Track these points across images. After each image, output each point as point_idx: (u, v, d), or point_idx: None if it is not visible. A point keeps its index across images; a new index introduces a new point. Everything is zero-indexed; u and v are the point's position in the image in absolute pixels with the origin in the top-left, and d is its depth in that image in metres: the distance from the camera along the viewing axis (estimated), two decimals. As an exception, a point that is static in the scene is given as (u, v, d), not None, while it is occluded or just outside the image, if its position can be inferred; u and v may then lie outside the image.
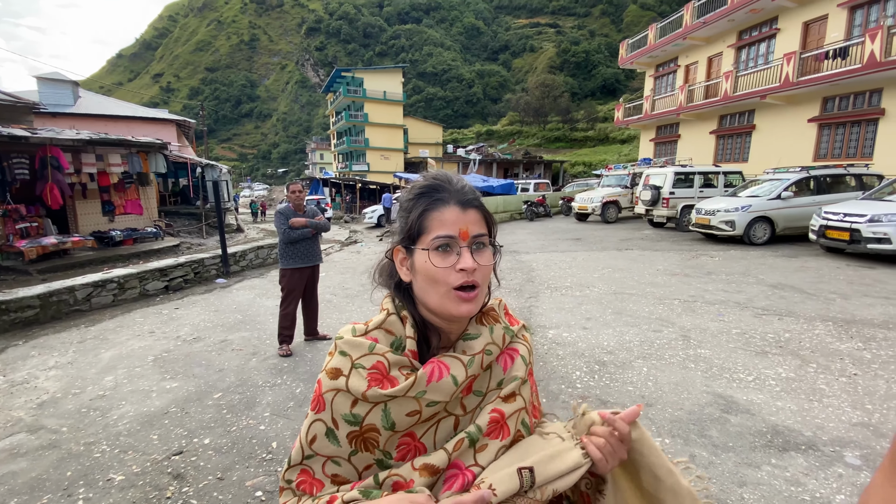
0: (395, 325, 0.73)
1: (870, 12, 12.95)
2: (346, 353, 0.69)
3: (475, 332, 0.74)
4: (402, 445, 0.68)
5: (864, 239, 7.52)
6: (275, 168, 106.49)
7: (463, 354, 0.71)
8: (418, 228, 0.70)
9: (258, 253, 9.03)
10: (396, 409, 0.66)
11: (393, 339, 0.72)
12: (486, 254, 0.70)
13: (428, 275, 0.69)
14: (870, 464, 2.43)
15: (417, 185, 0.74)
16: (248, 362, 4.06)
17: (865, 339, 4.25)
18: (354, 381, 0.66)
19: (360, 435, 0.66)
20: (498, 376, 0.75)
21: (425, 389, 0.66)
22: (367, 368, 0.67)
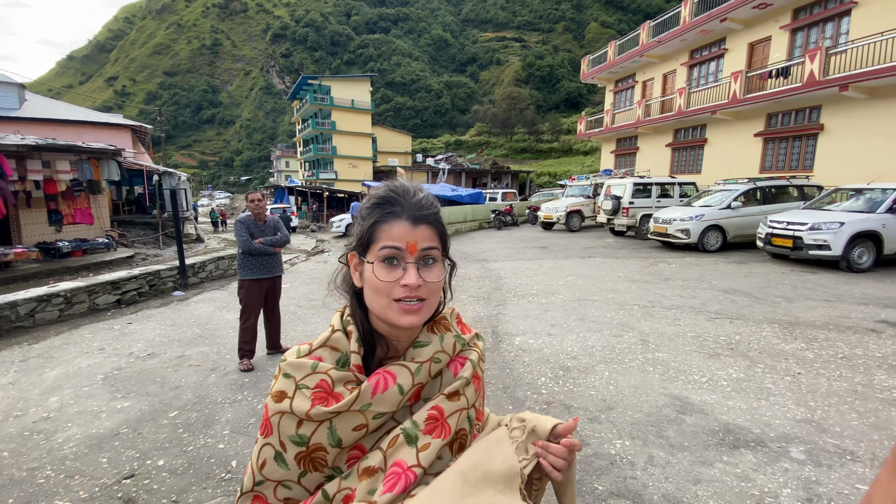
0: (341, 342, 0.73)
1: (809, 34, 14.02)
2: (290, 374, 0.69)
3: (425, 340, 0.74)
4: (351, 459, 0.68)
5: (806, 246, 8.05)
6: (238, 176, 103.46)
7: (411, 362, 0.71)
8: (368, 238, 0.71)
9: (218, 264, 8.73)
10: (342, 425, 0.66)
11: (339, 355, 0.72)
12: (434, 269, 0.70)
13: (373, 286, 0.69)
14: (813, 458, 2.59)
15: (374, 195, 0.74)
16: (206, 378, 3.91)
17: (808, 340, 4.54)
18: (298, 402, 0.66)
19: (308, 455, 0.66)
20: (448, 382, 0.75)
21: (370, 402, 0.67)
22: (310, 388, 0.67)
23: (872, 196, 8.32)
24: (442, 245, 0.73)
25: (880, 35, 11.19)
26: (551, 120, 60.11)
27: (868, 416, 3.04)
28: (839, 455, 2.61)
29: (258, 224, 4.19)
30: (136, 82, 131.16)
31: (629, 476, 2.47)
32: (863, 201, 8.42)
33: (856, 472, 2.45)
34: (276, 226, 4.32)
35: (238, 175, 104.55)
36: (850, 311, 5.53)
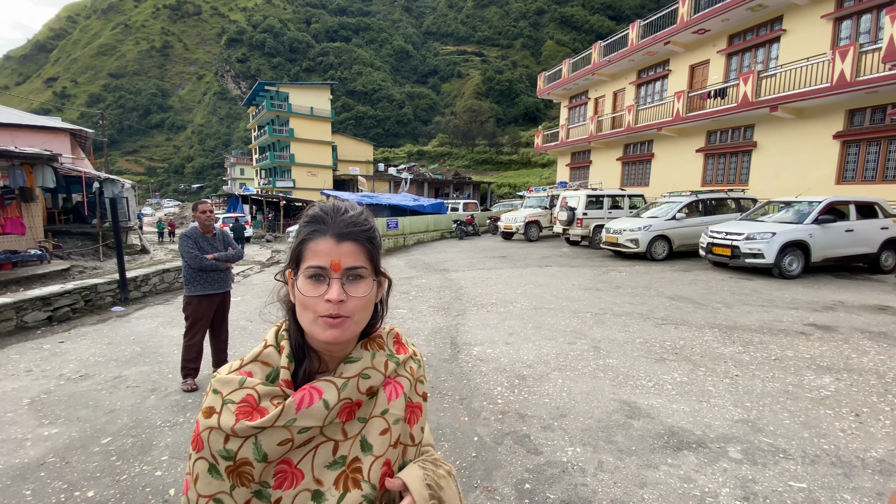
0: (272, 357, 0.74)
1: (743, 58, 15.17)
2: (218, 390, 0.69)
3: (356, 356, 0.75)
4: (279, 473, 0.68)
5: (743, 254, 8.62)
6: (188, 183, 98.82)
7: (338, 377, 0.72)
8: (297, 256, 0.73)
9: (163, 277, 8.26)
10: (267, 440, 0.66)
11: (269, 370, 0.73)
12: (360, 285, 0.72)
13: (300, 301, 0.71)
14: (749, 457, 2.74)
15: (306, 214, 0.76)
16: (145, 400, 3.66)
17: (745, 343, 4.83)
18: (224, 418, 0.66)
19: (236, 469, 0.66)
20: (382, 405, 0.76)
21: (295, 417, 0.67)
22: (236, 403, 0.67)
23: (800, 208, 9.05)
24: (371, 261, 0.74)
25: (806, 60, 12.28)
26: (511, 133, 61.64)
27: (799, 414, 3.27)
28: (773, 453, 2.78)
29: (206, 237, 3.95)
30: (78, 84, 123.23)
31: (580, 483, 2.52)
32: (792, 213, 9.13)
33: (789, 469, 2.61)
34: (226, 239, 4.11)
35: (189, 182, 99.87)
36: (782, 315, 5.95)
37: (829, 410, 3.32)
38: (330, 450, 0.71)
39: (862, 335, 5.06)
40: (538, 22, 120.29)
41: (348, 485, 0.70)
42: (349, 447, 0.72)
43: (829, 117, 12.37)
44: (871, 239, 8.86)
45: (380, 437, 0.74)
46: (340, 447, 0.71)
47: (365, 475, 0.71)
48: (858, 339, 4.94)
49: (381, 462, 0.73)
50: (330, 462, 0.70)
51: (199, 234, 3.92)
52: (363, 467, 0.71)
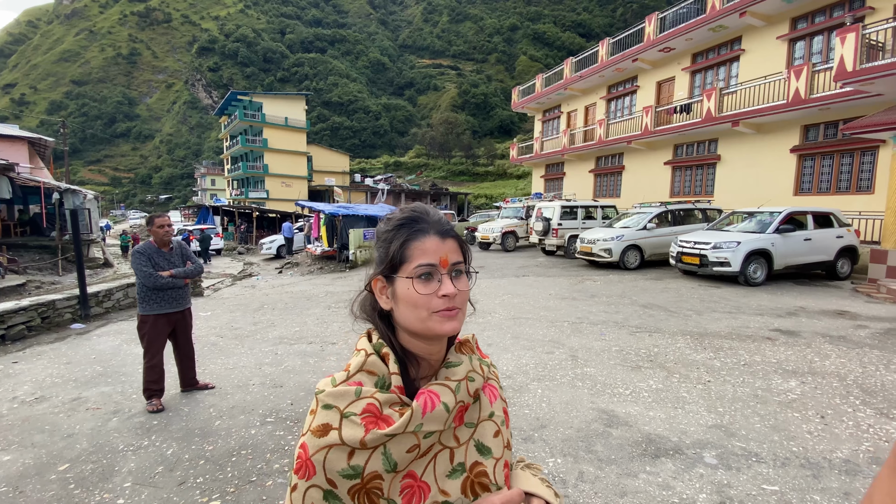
0: (377, 365, 0.71)
1: (706, 76, 15.89)
2: (332, 405, 0.66)
3: (456, 360, 0.75)
4: (406, 490, 0.66)
5: (710, 263, 8.92)
6: (156, 194, 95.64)
7: (448, 381, 0.71)
8: (400, 258, 0.72)
9: (128, 292, 7.91)
10: (396, 448, 0.65)
11: (377, 378, 0.70)
12: (463, 280, 0.74)
13: (411, 301, 0.70)
14: (724, 462, 2.79)
15: (397, 217, 0.77)
16: (106, 423, 3.46)
17: (715, 350, 4.97)
18: (349, 431, 0.63)
19: (363, 487, 0.63)
20: (486, 408, 0.77)
21: (422, 421, 0.65)
22: (359, 414, 0.64)
23: (762, 218, 9.45)
24: (465, 257, 0.78)
25: (764, 79, 12.96)
26: (486, 145, 62.48)
27: (768, 418, 3.36)
28: (746, 457, 2.84)
29: (162, 252, 3.73)
30: (38, 90, 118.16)
31: (561, 494, 2.50)
32: (754, 223, 9.52)
33: (761, 472, 2.67)
34: (184, 253, 3.89)
35: (157, 193, 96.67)
36: (749, 321, 6.16)
37: (796, 413, 3.43)
38: (447, 458, 0.70)
39: (823, 339, 5.28)
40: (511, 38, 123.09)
41: (476, 490, 0.69)
42: (465, 453, 0.71)
43: (787, 132, 13.05)
44: (828, 247, 9.32)
45: (494, 440, 0.75)
46: (456, 454, 0.71)
47: (492, 478, 0.71)
48: (820, 343, 5.16)
49: (502, 464, 0.74)
50: (450, 471, 0.69)
51: (154, 249, 3.71)
52: (488, 471, 0.71)
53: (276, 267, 15.89)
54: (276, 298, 9.08)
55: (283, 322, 6.78)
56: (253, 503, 2.48)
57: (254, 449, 3.05)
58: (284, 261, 17.43)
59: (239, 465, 2.85)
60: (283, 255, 18.83)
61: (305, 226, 19.58)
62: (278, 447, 3.08)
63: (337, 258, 15.39)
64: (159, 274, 3.62)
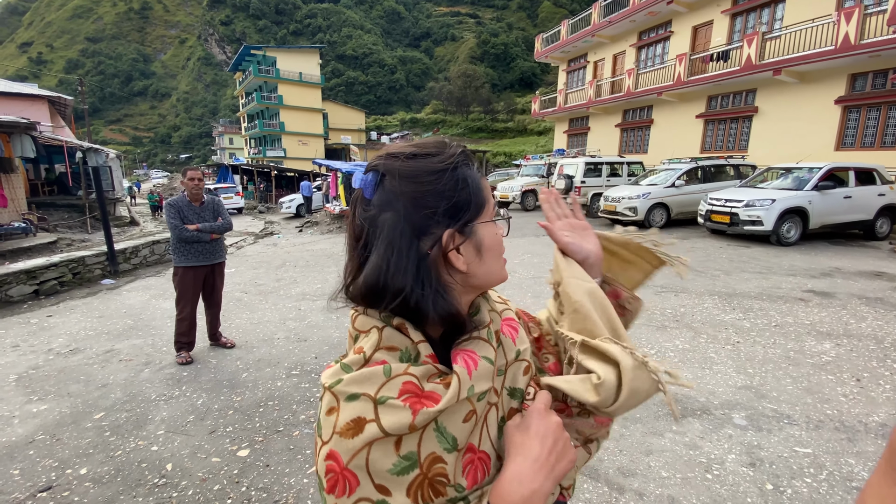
0: (395, 338, 0.58)
1: (748, 19, 14.66)
2: (358, 393, 0.52)
3: (472, 309, 0.65)
4: (467, 466, 0.55)
5: (742, 221, 8.55)
6: (176, 153, 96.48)
7: (475, 331, 0.61)
8: (482, 200, 0.61)
9: (153, 248, 8.07)
10: (450, 420, 0.54)
11: (399, 353, 0.57)
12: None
13: (498, 249, 0.63)
14: (754, 423, 2.72)
15: (448, 154, 0.61)
16: (138, 374, 3.58)
17: (745, 310, 4.81)
18: (391, 418, 0.50)
19: (426, 477, 0.51)
20: (511, 349, 0.65)
21: (472, 383, 0.55)
22: (396, 396, 0.52)
23: (800, 175, 8.93)
24: None
25: (811, 21, 11.88)
26: (506, 99, 60.26)
27: (801, 380, 3.25)
28: (777, 419, 2.76)
29: (193, 207, 3.75)
30: (55, 49, 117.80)
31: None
32: (791, 179, 9.02)
33: (793, 435, 2.60)
34: (217, 209, 3.90)
35: (177, 153, 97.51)
36: (781, 281, 5.93)
37: (830, 376, 3.31)
38: (495, 416, 0.60)
39: (859, 301, 5.06)
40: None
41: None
42: (502, 405, 0.62)
43: (832, 81, 12.09)
44: (868, 205, 8.81)
45: (523, 378, 0.66)
46: (499, 409, 0.61)
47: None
48: (856, 304, 4.94)
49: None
50: (497, 429, 0.60)
51: (186, 202, 3.73)
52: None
53: (297, 226, 16.01)
54: (298, 256, 9.17)
55: (305, 279, 6.85)
56: (281, 452, 2.54)
57: (280, 400, 3.12)
58: (304, 219, 17.53)
59: (266, 416, 2.92)
60: (303, 214, 18.92)
61: (323, 185, 19.51)
62: (304, 399, 3.14)
63: (355, 217, 15.37)
64: (185, 227, 3.64)
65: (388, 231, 0.57)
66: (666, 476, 2.28)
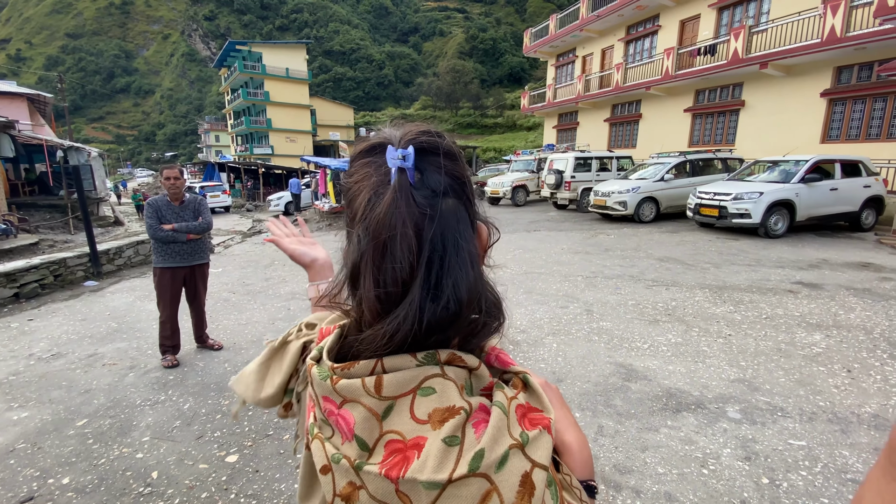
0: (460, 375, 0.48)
1: (734, 13, 14.73)
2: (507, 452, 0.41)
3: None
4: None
5: (730, 215, 8.61)
6: (161, 151, 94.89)
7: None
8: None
9: (138, 249, 7.90)
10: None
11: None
12: None
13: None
14: (748, 417, 2.72)
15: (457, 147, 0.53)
16: (123, 379, 3.48)
17: (735, 303, 4.84)
18: (545, 451, 0.43)
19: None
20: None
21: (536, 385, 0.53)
22: (529, 429, 0.44)
23: (787, 168, 9.01)
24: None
25: (797, 15, 11.96)
26: (495, 94, 60.12)
27: (793, 372, 3.27)
28: (771, 412, 2.76)
29: (172, 206, 3.64)
30: (33, 45, 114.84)
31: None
32: (778, 172, 9.09)
33: (787, 427, 2.60)
34: (198, 208, 3.78)
35: (162, 151, 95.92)
36: (770, 274, 5.98)
37: (821, 367, 3.33)
38: None
39: (847, 292, 5.11)
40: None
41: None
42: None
43: (818, 74, 12.20)
44: (853, 197, 8.92)
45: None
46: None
47: None
48: (844, 296, 4.99)
49: None
50: None
51: (165, 201, 3.62)
52: None
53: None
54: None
55: (295, 278, 6.75)
56: (271, 457, 2.48)
57: (269, 404, 3.05)
58: (293, 217, 17.36)
59: (255, 420, 2.85)
60: (292, 212, 18.72)
61: (312, 182, 19.32)
62: (294, 402, 3.07)
63: (345, 214, 15.23)
64: (160, 227, 3.54)
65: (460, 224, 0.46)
66: (662, 472, 2.26)
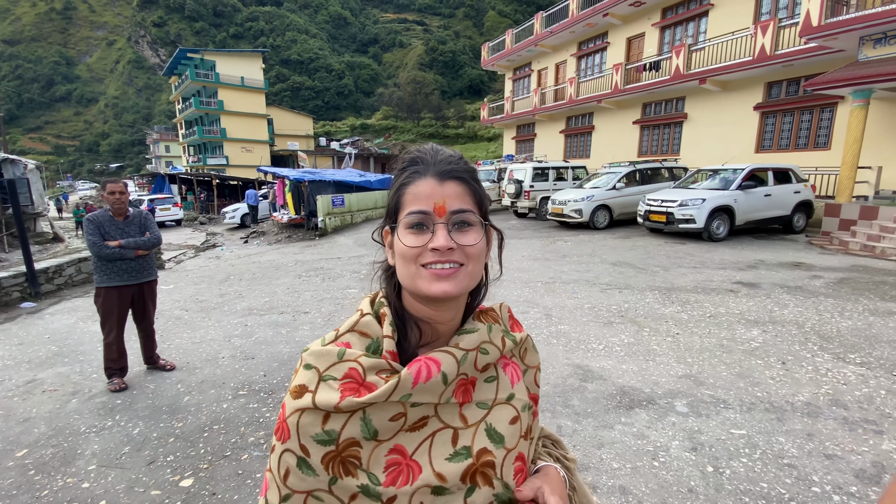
0: (371, 326, 0.64)
1: (676, 32, 15.75)
2: (312, 365, 0.60)
3: (471, 328, 0.66)
4: (392, 466, 0.57)
5: (677, 220, 9.14)
6: (105, 163, 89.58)
7: (455, 348, 0.62)
8: (395, 205, 0.64)
9: (80, 267, 7.43)
10: (378, 414, 0.57)
11: (369, 341, 0.63)
12: (469, 233, 0.61)
13: (399, 253, 0.62)
14: (694, 410, 2.90)
15: (401, 160, 0.67)
16: (65, 405, 3.27)
17: (682, 303, 5.13)
18: (323, 395, 0.57)
19: (338, 455, 0.56)
20: (506, 389, 0.67)
21: (411, 392, 0.57)
22: (338, 379, 0.58)
23: (726, 176, 9.67)
24: (478, 206, 0.64)
25: (731, 34, 12.94)
26: (456, 106, 61.05)
27: (734, 366, 3.51)
28: (714, 404, 2.96)
29: (116, 222, 3.45)
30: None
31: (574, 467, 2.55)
32: (718, 180, 9.75)
33: (729, 418, 2.79)
34: (144, 223, 3.60)
35: (106, 162, 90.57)
36: (713, 275, 6.39)
37: (759, 360, 3.60)
38: (449, 438, 0.61)
39: (781, 290, 5.54)
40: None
41: (477, 479, 0.60)
42: (472, 436, 0.62)
43: (751, 89, 13.22)
44: (785, 202, 9.69)
45: (510, 427, 0.64)
46: (461, 436, 0.61)
47: (498, 471, 0.61)
48: (779, 293, 5.40)
49: (514, 456, 0.64)
50: (451, 454, 0.60)
51: (108, 217, 3.43)
52: (496, 462, 0.61)
53: (242, 236, 15.33)
54: (243, 269, 8.77)
55: (252, 293, 6.56)
56: (229, 478, 2.41)
57: (227, 423, 2.96)
58: (250, 230, 16.83)
59: (212, 441, 2.76)
60: (248, 224, 18.16)
61: (270, 193, 18.84)
62: (253, 420, 2.99)
63: (305, 226, 14.95)
64: (105, 243, 3.34)
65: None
66: (617, 467, 2.38)
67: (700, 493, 2.17)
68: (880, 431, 2.60)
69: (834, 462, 2.35)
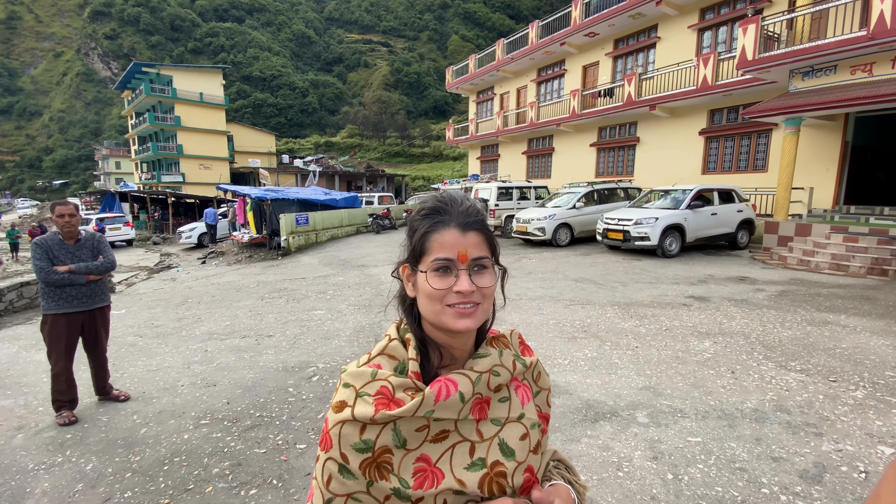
0: (398, 350, 0.75)
1: (627, 62, 16.77)
2: (350, 384, 0.71)
3: (484, 353, 0.77)
4: (419, 473, 0.68)
5: (632, 238, 9.60)
6: (48, 179, 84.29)
7: (470, 371, 0.73)
8: (420, 249, 0.74)
9: (22, 291, 6.94)
10: (406, 426, 0.68)
11: (396, 363, 0.74)
12: (486, 275, 0.73)
13: (426, 293, 0.72)
14: (654, 420, 3.05)
15: (424, 205, 0.77)
16: (10, 441, 3.04)
17: (640, 318, 5.38)
18: (360, 409, 0.67)
19: (374, 461, 0.67)
20: (517, 409, 0.76)
21: (433, 408, 0.68)
22: (371, 395, 0.69)
23: (676, 196, 10.29)
24: (491, 251, 0.76)
25: (677, 65, 13.93)
26: (422, 126, 61.92)
27: (689, 376, 3.71)
28: (672, 414, 3.12)
29: (66, 245, 3.28)
30: None
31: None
32: (670, 200, 10.35)
33: (686, 426, 2.96)
34: (96, 247, 3.44)
35: (49, 178, 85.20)
36: (668, 290, 6.74)
37: (711, 370, 3.83)
38: (467, 450, 0.71)
39: (729, 303, 5.92)
40: (443, 16, 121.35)
41: (493, 488, 0.70)
42: (486, 449, 0.72)
43: (696, 116, 14.22)
44: (730, 220, 10.40)
45: (520, 443, 0.74)
46: (477, 448, 0.71)
47: (509, 480, 0.71)
48: (727, 306, 5.77)
49: (523, 469, 0.73)
50: (469, 464, 0.70)
51: (57, 241, 3.26)
52: (507, 472, 0.71)
53: (199, 257, 14.75)
54: (202, 291, 8.45)
55: (212, 316, 6.33)
56: (192, 511, 2.32)
57: (189, 455, 2.84)
58: (208, 250, 16.22)
59: (172, 474, 2.64)
60: (206, 244, 17.51)
61: (229, 211, 18.29)
62: (216, 450, 2.89)
63: (267, 245, 14.59)
64: (53, 269, 3.16)
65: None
66: (584, 479, 2.46)
67: (661, 499, 2.28)
68: (820, 434, 2.83)
69: (780, 464, 2.53)
